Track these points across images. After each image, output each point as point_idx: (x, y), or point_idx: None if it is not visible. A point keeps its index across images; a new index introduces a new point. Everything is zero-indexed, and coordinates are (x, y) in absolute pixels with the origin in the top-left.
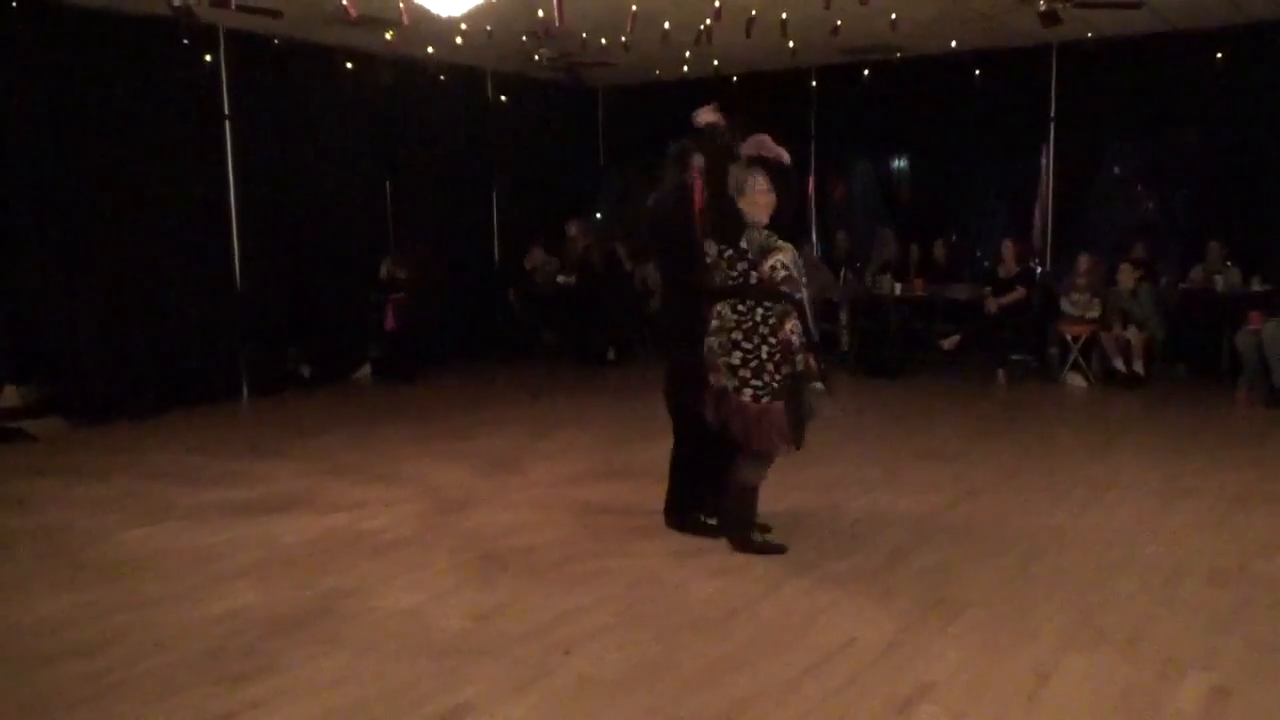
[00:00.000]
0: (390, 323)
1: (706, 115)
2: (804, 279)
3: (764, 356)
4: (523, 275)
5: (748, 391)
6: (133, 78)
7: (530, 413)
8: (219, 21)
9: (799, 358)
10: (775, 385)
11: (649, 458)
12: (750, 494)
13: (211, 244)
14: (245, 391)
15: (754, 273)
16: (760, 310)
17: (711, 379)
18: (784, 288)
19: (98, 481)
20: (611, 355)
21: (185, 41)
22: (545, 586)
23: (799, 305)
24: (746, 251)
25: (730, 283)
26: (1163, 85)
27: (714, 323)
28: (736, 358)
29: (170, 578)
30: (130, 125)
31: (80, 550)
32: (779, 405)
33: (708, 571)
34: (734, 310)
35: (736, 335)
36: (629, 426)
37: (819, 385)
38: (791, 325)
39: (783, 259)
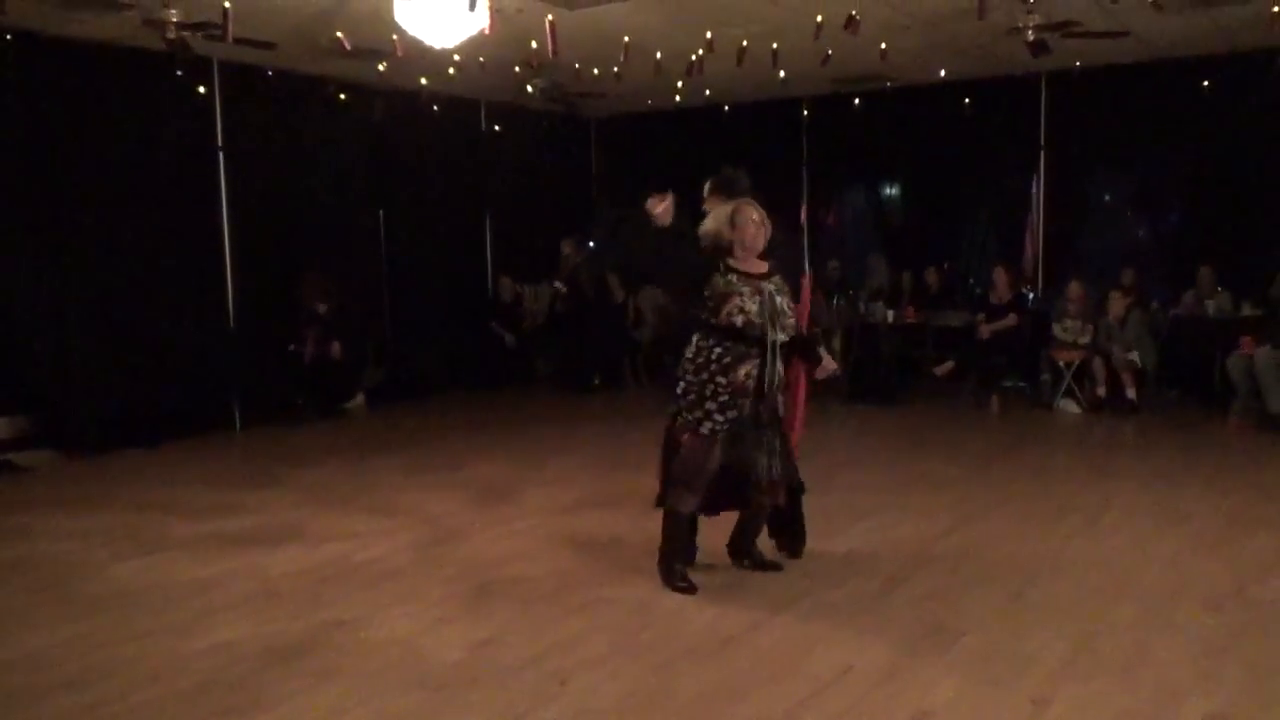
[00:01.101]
0: (309, 356)
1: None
2: (780, 320)
3: (706, 394)
4: (501, 306)
5: (679, 421)
6: (126, 110)
7: (523, 441)
8: (213, 54)
9: (747, 403)
10: (707, 425)
11: (642, 486)
12: (673, 521)
13: (205, 274)
14: (238, 422)
15: (714, 319)
16: (719, 349)
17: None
18: (746, 332)
19: (90, 513)
20: (596, 381)
21: (179, 73)
22: (540, 616)
23: (768, 349)
24: (709, 298)
25: (704, 320)
26: (1151, 113)
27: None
28: (679, 386)
29: (163, 610)
30: (124, 157)
31: (72, 583)
32: (693, 441)
33: (703, 600)
34: (697, 344)
35: (688, 367)
36: (621, 454)
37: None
38: (748, 369)
39: (741, 304)
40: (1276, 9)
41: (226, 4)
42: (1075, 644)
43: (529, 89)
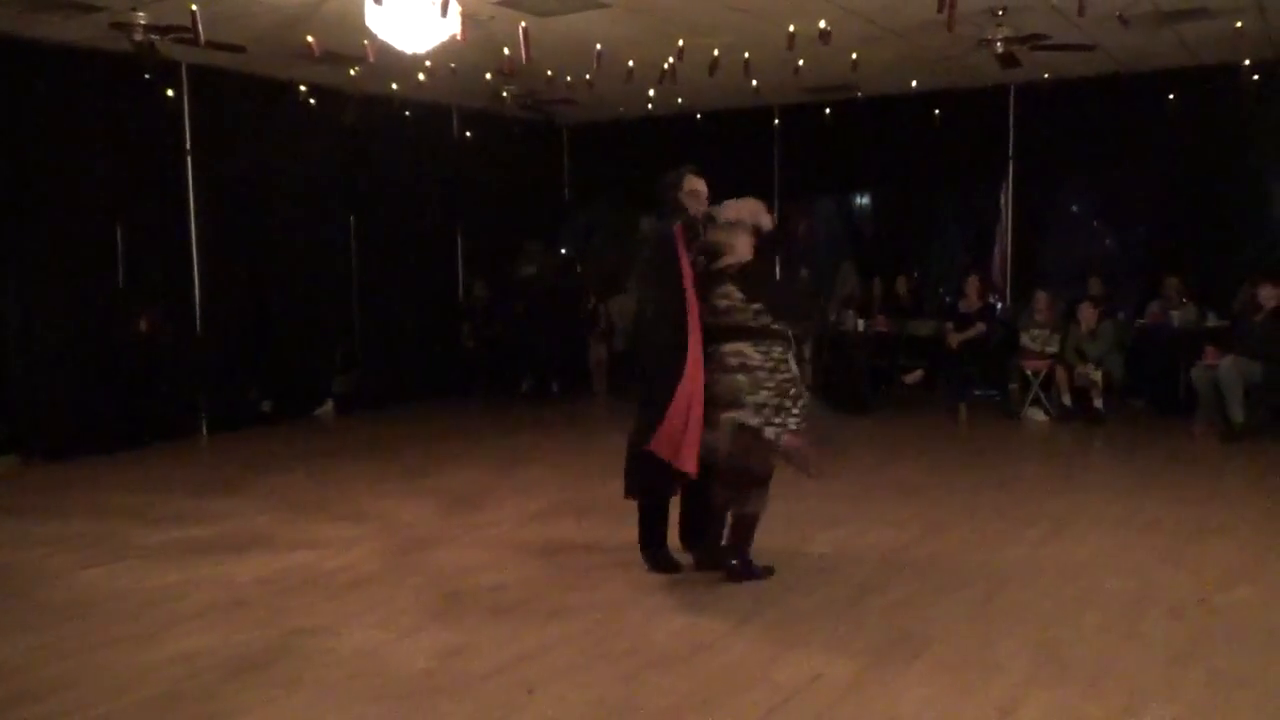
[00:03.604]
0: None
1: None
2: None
3: (789, 393)
4: (474, 311)
5: (770, 430)
6: (93, 113)
7: (493, 449)
8: (182, 57)
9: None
10: (793, 420)
11: (612, 493)
12: (753, 524)
13: (172, 279)
14: (205, 428)
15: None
16: (777, 348)
17: (732, 415)
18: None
19: (53, 520)
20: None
21: (147, 76)
22: (509, 625)
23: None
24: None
25: (752, 324)
26: (1118, 125)
27: (733, 360)
28: (762, 396)
29: (126, 619)
30: (90, 160)
31: (34, 591)
32: (799, 439)
33: (672, 608)
34: (756, 349)
35: (760, 374)
36: (591, 462)
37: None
38: (797, 359)
39: None
40: (1239, 24)
41: (194, 7)
42: (1042, 651)
43: (504, 95)
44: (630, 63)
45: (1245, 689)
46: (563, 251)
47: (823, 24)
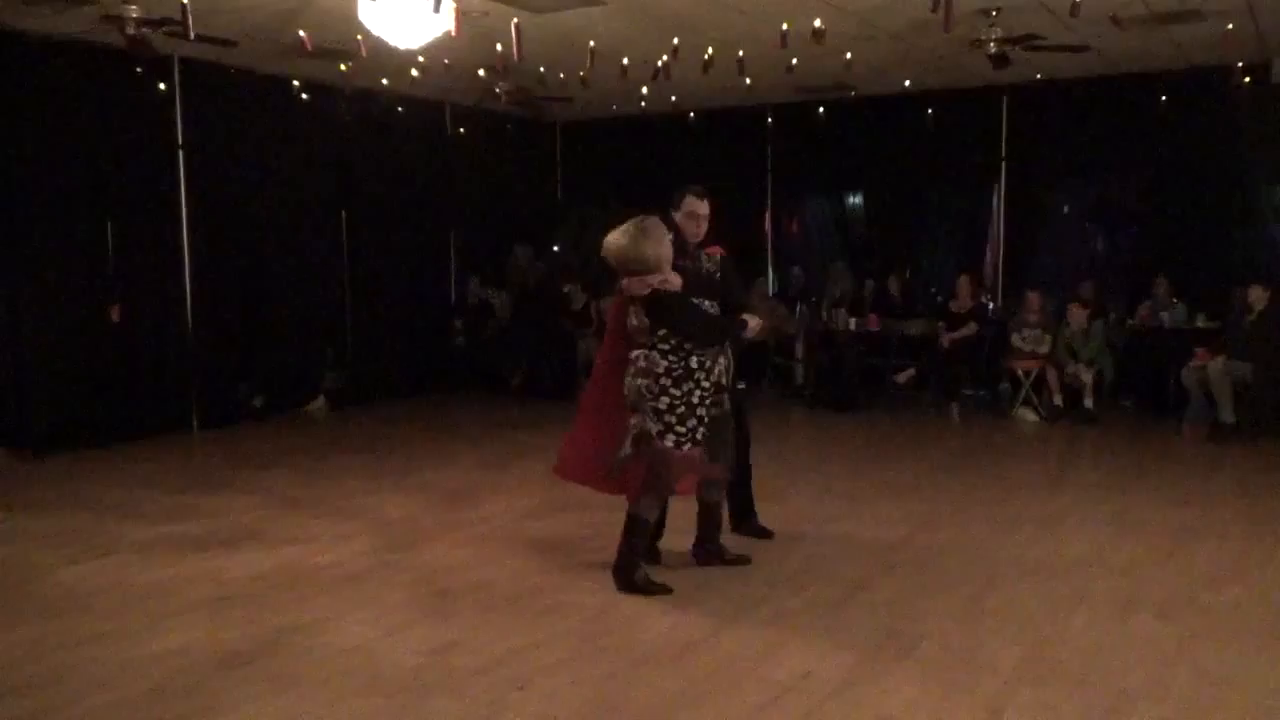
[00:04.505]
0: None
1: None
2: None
3: (695, 401)
4: (467, 309)
5: (670, 437)
6: (85, 106)
7: (484, 446)
8: (174, 50)
9: (724, 398)
10: (699, 431)
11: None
12: (643, 528)
13: (163, 273)
14: (195, 424)
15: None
16: (695, 358)
17: (633, 420)
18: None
19: (42, 515)
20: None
21: (139, 69)
22: (499, 622)
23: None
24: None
25: (662, 345)
26: (1109, 126)
27: (641, 364)
28: (663, 403)
29: (115, 614)
30: (82, 154)
31: (22, 586)
32: (698, 451)
33: (663, 606)
34: (664, 356)
35: (665, 381)
36: None
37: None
38: (724, 364)
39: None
40: (1230, 26)
41: (185, 0)
42: (1030, 650)
43: (497, 91)
44: (624, 60)
45: (1233, 689)
46: (555, 249)
47: (817, 23)
